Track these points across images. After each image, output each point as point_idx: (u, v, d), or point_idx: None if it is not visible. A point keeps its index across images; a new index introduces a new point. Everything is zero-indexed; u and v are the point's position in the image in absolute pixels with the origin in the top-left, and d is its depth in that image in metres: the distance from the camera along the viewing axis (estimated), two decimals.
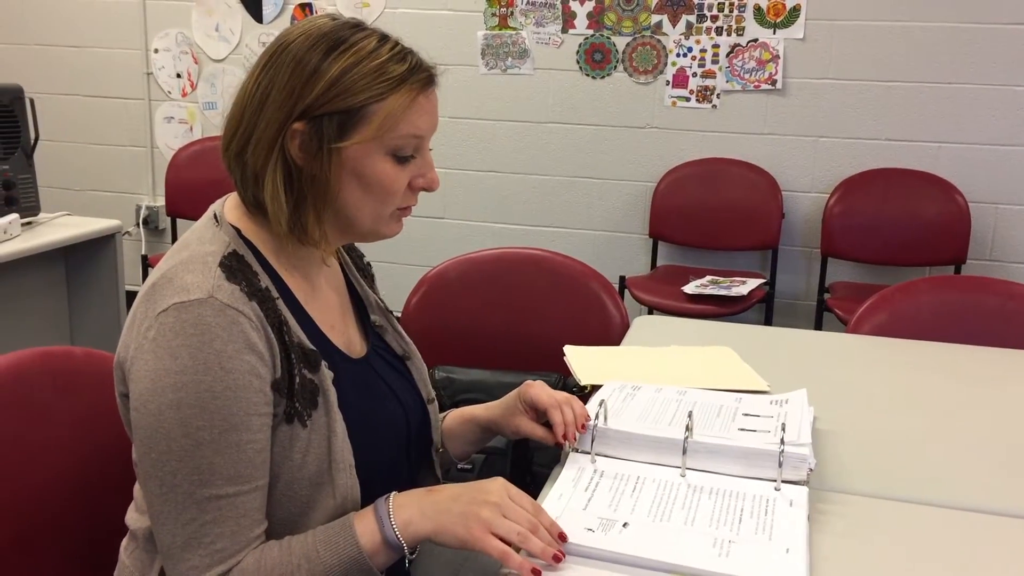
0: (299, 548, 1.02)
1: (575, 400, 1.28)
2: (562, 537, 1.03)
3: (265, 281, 1.07)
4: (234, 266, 1.04)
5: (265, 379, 1.01)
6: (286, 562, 1.01)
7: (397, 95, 1.06)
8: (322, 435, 1.07)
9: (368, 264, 1.36)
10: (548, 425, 1.27)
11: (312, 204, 1.08)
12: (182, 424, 0.97)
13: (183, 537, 0.99)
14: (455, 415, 1.38)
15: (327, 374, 1.09)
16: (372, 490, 1.09)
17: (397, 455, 1.22)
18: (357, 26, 1.09)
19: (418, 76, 1.08)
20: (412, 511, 1.03)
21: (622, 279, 3.54)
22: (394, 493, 1.06)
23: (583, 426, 1.25)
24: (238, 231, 1.10)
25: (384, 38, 1.08)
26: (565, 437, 1.24)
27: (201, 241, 1.07)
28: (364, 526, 1.03)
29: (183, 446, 0.97)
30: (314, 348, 1.09)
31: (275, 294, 1.07)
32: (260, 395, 1.00)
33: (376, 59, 1.05)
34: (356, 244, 1.35)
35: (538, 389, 1.28)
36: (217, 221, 1.10)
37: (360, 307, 1.28)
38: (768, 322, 3.63)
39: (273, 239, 1.11)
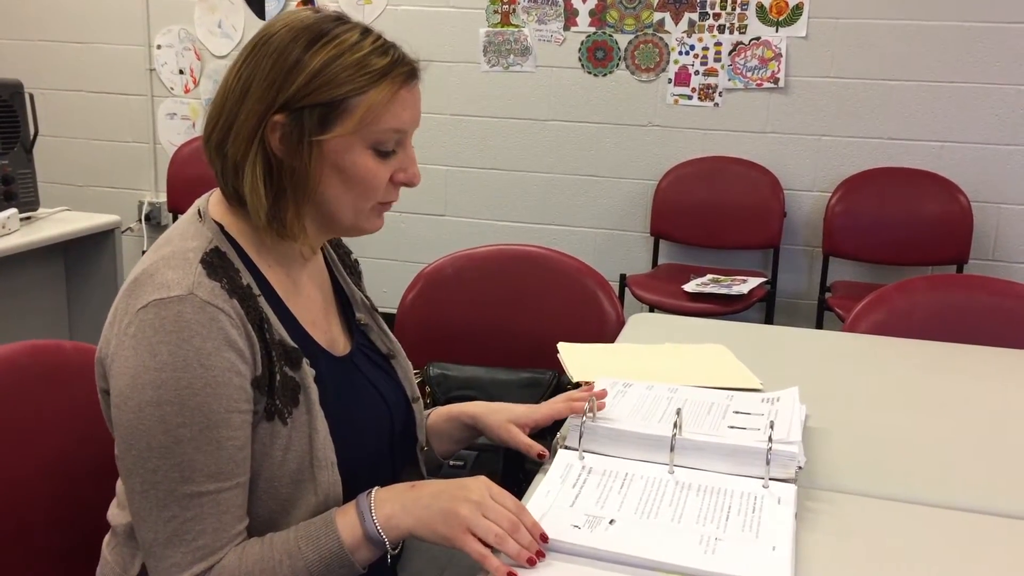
0: (281, 544, 1.02)
1: (572, 398, 1.32)
2: (543, 538, 1.02)
3: (247, 278, 1.06)
4: (215, 263, 1.03)
5: (245, 376, 1.01)
6: (267, 558, 1.00)
7: (379, 88, 1.05)
8: (303, 433, 1.06)
9: (356, 261, 1.35)
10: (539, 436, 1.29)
11: (292, 197, 1.07)
12: (162, 421, 0.96)
13: (165, 534, 0.98)
14: (440, 412, 1.38)
15: (309, 372, 1.08)
16: (355, 488, 1.08)
17: (381, 453, 1.21)
18: (339, 19, 1.08)
19: (400, 69, 1.07)
20: (394, 506, 1.03)
21: (623, 277, 3.53)
22: (376, 488, 1.06)
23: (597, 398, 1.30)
24: (221, 227, 1.09)
25: (366, 31, 1.08)
26: (541, 455, 1.26)
27: (183, 237, 1.06)
28: (345, 521, 1.03)
29: (163, 443, 0.97)
30: (295, 346, 1.08)
31: (256, 291, 1.07)
32: (240, 392, 1.00)
33: (358, 52, 1.05)
34: (344, 241, 1.35)
35: (539, 418, 1.30)
36: (201, 217, 1.10)
37: (345, 304, 1.28)
38: (769, 321, 3.62)
39: (256, 234, 1.11)
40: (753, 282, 3.37)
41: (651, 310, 3.33)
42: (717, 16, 3.65)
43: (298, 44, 1.04)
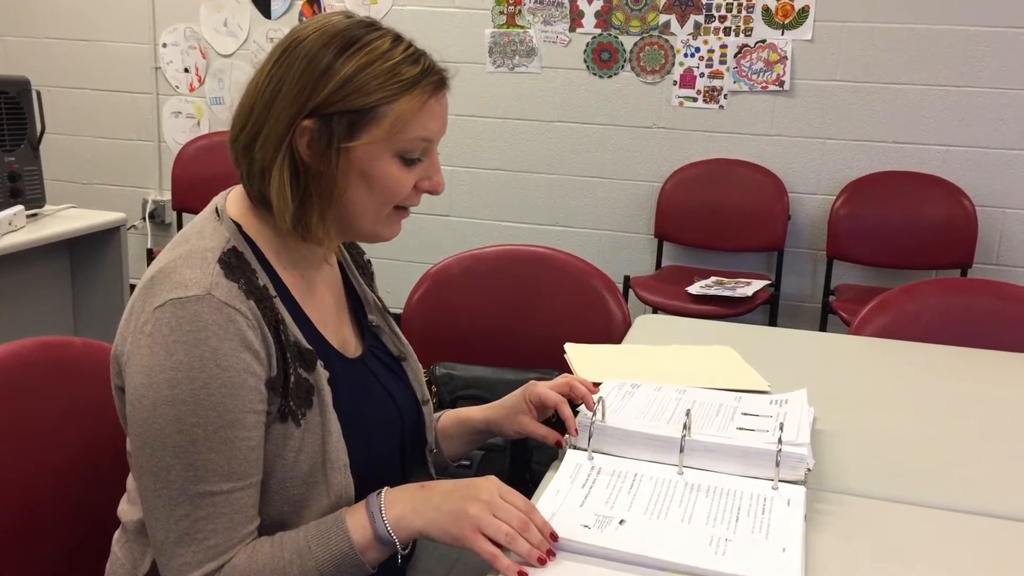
0: (291, 544, 1.02)
1: (574, 379, 1.30)
2: (553, 537, 1.02)
3: (263, 279, 1.07)
4: (233, 263, 1.03)
5: (260, 377, 1.01)
6: (278, 558, 1.00)
7: (409, 97, 1.05)
8: (316, 434, 1.06)
9: (368, 262, 1.36)
10: (548, 423, 1.29)
11: (317, 202, 1.07)
12: (177, 420, 0.97)
13: (176, 533, 0.99)
14: (450, 416, 1.38)
15: (323, 373, 1.08)
16: (366, 489, 1.08)
17: (391, 455, 1.21)
18: (371, 25, 1.08)
19: (431, 79, 1.07)
20: (404, 507, 1.03)
21: (627, 279, 3.53)
22: (386, 489, 1.06)
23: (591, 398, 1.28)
24: (239, 226, 1.09)
25: (398, 39, 1.07)
26: (566, 433, 1.25)
27: (201, 236, 1.06)
28: (356, 521, 1.03)
29: (177, 442, 0.97)
30: (310, 347, 1.08)
31: (272, 292, 1.07)
32: (255, 393, 1.00)
33: (389, 60, 1.05)
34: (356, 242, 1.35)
35: (543, 387, 1.28)
36: (218, 215, 1.10)
37: (358, 306, 1.28)
38: (772, 324, 3.62)
39: (274, 235, 1.11)
40: (757, 285, 3.37)
41: (654, 312, 3.33)
42: (723, 18, 3.65)
43: (329, 50, 1.04)
